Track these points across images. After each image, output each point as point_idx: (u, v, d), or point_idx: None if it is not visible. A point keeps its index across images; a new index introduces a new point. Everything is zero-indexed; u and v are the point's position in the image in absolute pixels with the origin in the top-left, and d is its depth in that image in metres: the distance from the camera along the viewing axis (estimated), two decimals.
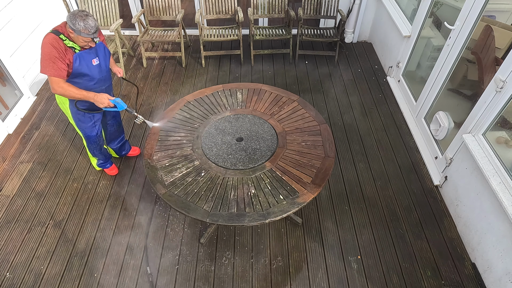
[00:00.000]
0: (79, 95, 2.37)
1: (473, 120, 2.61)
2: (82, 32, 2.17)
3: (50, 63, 2.21)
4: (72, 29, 2.16)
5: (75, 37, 2.22)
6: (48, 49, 2.19)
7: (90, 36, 2.21)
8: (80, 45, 2.28)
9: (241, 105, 2.89)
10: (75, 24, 2.14)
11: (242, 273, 2.52)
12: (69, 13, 2.17)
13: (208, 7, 4.47)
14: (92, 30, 2.19)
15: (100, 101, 2.41)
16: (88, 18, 2.16)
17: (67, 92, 2.34)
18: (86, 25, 2.16)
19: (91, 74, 2.42)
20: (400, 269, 2.54)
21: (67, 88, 2.32)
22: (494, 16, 3.08)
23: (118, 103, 2.45)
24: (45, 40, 2.21)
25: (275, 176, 2.33)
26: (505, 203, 2.18)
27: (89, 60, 2.38)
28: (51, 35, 2.22)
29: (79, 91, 2.36)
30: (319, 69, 4.56)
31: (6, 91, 3.95)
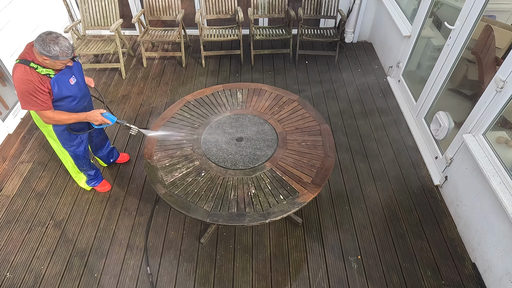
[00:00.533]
0: (72, 119, 2.27)
1: (473, 120, 2.61)
2: (60, 56, 2.03)
3: (32, 98, 2.06)
4: (47, 56, 2.01)
5: (50, 63, 2.06)
6: (24, 85, 2.04)
7: (69, 57, 2.08)
8: (57, 69, 2.14)
9: (241, 105, 2.89)
10: (50, 50, 1.98)
11: (242, 273, 2.52)
12: (35, 40, 2.00)
13: (208, 7, 4.47)
14: (69, 51, 2.06)
15: (93, 118, 2.32)
16: (59, 39, 2.01)
17: (59, 121, 2.25)
18: (62, 48, 2.01)
19: (72, 95, 2.29)
20: (400, 269, 2.54)
21: (58, 117, 2.22)
22: (494, 16, 3.08)
23: (107, 116, 2.36)
24: (18, 76, 2.04)
25: (275, 176, 2.33)
26: (505, 203, 2.18)
27: (67, 81, 2.24)
28: (21, 67, 2.04)
29: (70, 116, 2.26)
30: (319, 69, 4.56)
31: (6, 91, 3.95)
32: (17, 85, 2.06)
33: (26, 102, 2.08)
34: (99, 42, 4.30)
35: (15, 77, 2.05)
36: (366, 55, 4.82)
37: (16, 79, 2.05)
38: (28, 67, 2.04)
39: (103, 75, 4.43)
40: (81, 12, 4.23)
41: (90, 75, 4.44)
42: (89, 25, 4.32)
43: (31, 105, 2.09)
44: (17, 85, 2.07)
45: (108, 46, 4.21)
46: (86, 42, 4.27)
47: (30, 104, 2.09)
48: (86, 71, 4.47)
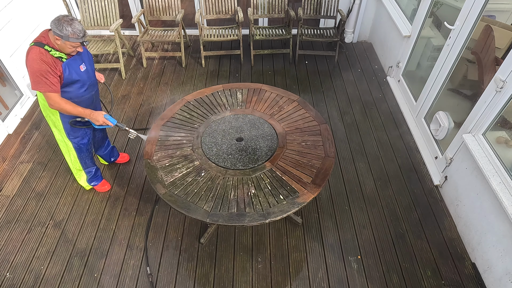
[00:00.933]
0: (75, 111, 2.29)
1: (473, 120, 2.61)
2: (71, 37, 2.07)
3: (43, 79, 2.11)
4: (59, 35, 2.06)
5: (61, 45, 2.12)
6: (37, 65, 2.08)
7: (79, 41, 2.11)
8: (67, 52, 2.18)
9: (241, 105, 2.89)
10: (62, 29, 2.04)
11: (242, 273, 2.52)
12: (52, 20, 2.07)
13: (208, 7, 4.47)
14: (81, 34, 2.10)
15: (96, 118, 2.33)
16: (74, 22, 2.07)
17: (64, 108, 2.25)
18: (74, 29, 2.06)
19: (82, 80, 2.34)
20: (400, 269, 2.54)
21: (63, 105, 2.24)
22: (494, 16, 3.08)
23: (109, 118, 2.38)
24: (32, 56, 2.09)
25: (275, 176, 2.33)
26: (505, 203, 2.18)
27: (77, 67, 2.29)
28: (35, 48, 2.10)
29: (75, 108, 2.28)
30: (319, 69, 4.56)
31: (6, 91, 3.95)
32: (30, 65, 2.10)
33: (37, 83, 2.12)
34: (99, 42, 4.30)
35: (30, 57, 2.09)
36: (366, 55, 4.82)
37: (30, 59, 2.09)
38: (42, 49, 2.10)
39: (103, 75, 4.43)
40: (81, 12, 4.23)
41: None
42: (89, 25, 4.32)
43: (41, 85, 2.12)
44: (30, 65, 2.10)
45: (108, 46, 4.21)
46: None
47: (40, 84, 2.12)
48: None
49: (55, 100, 2.20)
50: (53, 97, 2.19)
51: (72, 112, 2.28)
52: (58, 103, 2.22)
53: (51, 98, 2.19)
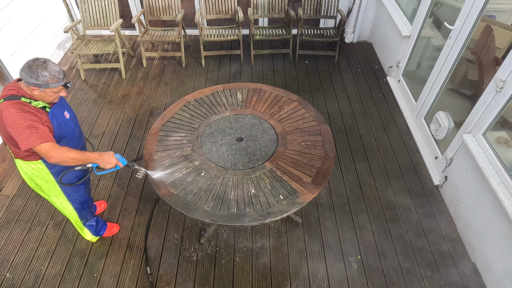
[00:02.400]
0: (84, 157, 1.90)
1: (473, 120, 2.61)
2: (51, 82, 1.73)
3: (32, 130, 1.71)
4: (35, 84, 1.71)
5: (41, 94, 1.77)
6: (20, 118, 1.70)
7: (60, 84, 1.78)
8: (48, 101, 1.83)
9: (241, 105, 2.89)
10: (38, 77, 1.69)
11: (242, 273, 2.52)
12: (21, 69, 1.71)
13: (208, 7, 4.47)
14: (61, 75, 1.77)
15: (107, 161, 1.99)
16: (48, 63, 1.74)
17: (69, 157, 1.83)
18: (52, 73, 1.73)
19: (71, 132, 2.00)
20: (400, 269, 2.54)
21: (67, 153, 1.82)
22: (494, 16, 3.08)
23: (120, 158, 2.06)
24: (10, 111, 1.70)
25: (275, 176, 2.33)
26: (505, 203, 2.18)
27: (62, 115, 1.94)
28: (11, 103, 1.71)
29: (83, 154, 1.90)
30: (319, 69, 4.56)
31: None
32: (11, 121, 1.69)
33: (26, 138, 1.71)
34: (99, 42, 4.30)
35: (7, 114, 1.69)
36: (366, 55, 4.82)
37: (9, 115, 1.69)
38: (20, 101, 1.73)
39: (103, 75, 4.43)
40: (81, 12, 4.23)
41: (90, 75, 4.44)
42: (89, 25, 4.32)
43: (33, 138, 1.71)
44: (10, 122, 1.69)
45: (108, 46, 4.21)
46: (86, 42, 4.27)
47: (31, 138, 1.71)
48: (86, 71, 4.47)
49: (54, 151, 1.78)
50: (52, 147, 1.77)
51: (81, 159, 1.89)
52: (60, 152, 1.80)
53: (50, 150, 1.77)
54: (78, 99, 4.05)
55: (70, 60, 4.70)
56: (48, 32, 4.43)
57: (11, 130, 1.72)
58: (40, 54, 4.26)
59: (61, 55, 4.77)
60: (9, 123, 1.71)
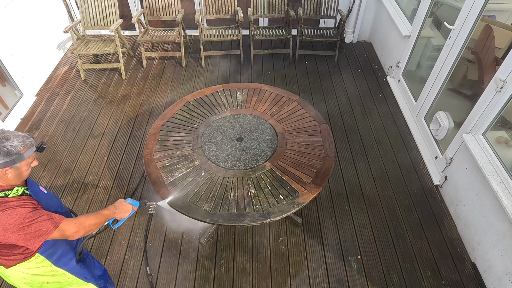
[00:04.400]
0: (102, 218, 1.69)
1: (473, 120, 2.61)
2: (25, 152, 1.44)
3: (38, 222, 1.41)
4: (7, 163, 1.39)
5: (15, 173, 1.45)
6: (12, 218, 1.36)
7: (34, 149, 1.52)
8: (24, 178, 1.53)
9: (241, 105, 2.89)
10: (9, 151, 1.38)
11: (242, 273, 2.52)
12: None
13: (208, 7, 4.47)
14: (30, 139, 1.49)
15: (123, 210, 1.82)
16: (7, 132, 1.43)
17: (91, 225, 1.61)
18: (21, 139, 1.44)
19: (56, 203, 1.70)
20: (400, 269, 2.54)
21: (86, 222, 1.59)
22: (494, 16, 3.09)
23: (133, 202, 1.92)
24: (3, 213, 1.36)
25: (275, 176, 2.33)
26: (505, 203, 2.18)
27: (40, 190, 1.63)
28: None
29: (99, 215, 1.68)
30: (319, 69, 4.56)
31: (6, 91, 3.95)
32: (7, 227, 1.36)
33: (37, 233, 1.40)
34: (99, 42, 4.30)
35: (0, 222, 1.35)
36: (366, 55, 4.82)
37: (3, 221, 1.35)
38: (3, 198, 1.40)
39: (103, 75, 4.43)
40: (81, 12, 4.23)
41: (90, 75, 4.44)
42: (89, 25, 4.32)
43: (46, 227, 1.42)
44: (6, 228, 1.36)
45: (108, 46, 4.21)
46: (86, 42, 4.27)
47: (43, 228, 1.41)
48: (86, 71, 4.47)
49: (74, 224, 1.53)
50: (69, 224, 1.52)
51: (101, 221, 1.67)
52: (79, 224, 1.56)
53: (69, 227, 1.51)
54: (78, 99, 4.05)
55: (70, 60, 4.70)
56: (48, 32, 4.43)
57: (10, 236, 1.37)
58: (40, 54, 4.26)
59: (61, 55, 4.77)
60: (2, 231, 1.36)
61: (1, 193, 1.41)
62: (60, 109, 3.92)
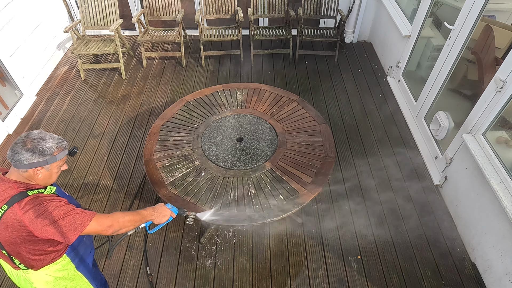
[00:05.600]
0: (139, 216, 1.66)
1: (473, 120, 2.61)
2: (57, 153, 1.45)
3: (72, 214, 1.41)
4: (41, 163, 1.40)
5: (46, 174, 1.46)
6: (48, 211, 1.38)
7: (66, 152, 1.51)
8: (54, 180, 1.54)
9: (241, 105, 2.89)
10: (44, 151, 1.40)
11: (242, 273, 2.52)
12: (15, 153, 1.38)
13: (208, 7, 4.47)
14: (64, 141, 1.50)
15: (162, 214, 1.78)
16: (44, 133, 1.45)
17: (126, 221, 1.58)
18: (55, 141, 1.45)
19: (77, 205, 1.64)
20: (400, 269, 2.54)
21: (122, 217, 1.57)
22: (494, 16, 3.09)
23: (172, 208, 1.87)
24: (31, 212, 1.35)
25: (275, 176, 2.33)
26: (505, 203, 2.18)
27: (63, 192, 1.69)
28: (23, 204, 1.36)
29: (137, 213, 1.66)
30: (319, 69, 4.56)
31: (6, 91, 3.95)
32: (44, 221, 1.36)
33: (72, 225, 1.40)
34: (99, 42, 4.30)
35: (30, 218, 1.35)
36: (366, 55, 4.82)
37: (35, 217, 1.35)
38: (34, 196, 1.40)
39: (103, 75, 4.43)
40: (81, 12, 4.23)
41: (90, 75, 4.44)
42: (89, 25, 4.32)
43: (80, 220, 1.42)
44: (43, 223, 1.36)
45: (108, 46, 4.21)
46: (86, 42, 4.27)
47: (77, 221, 1.41)
48: (86, 71, 4.47)
49: (108, 219, 1.51)
50: (103, 218, 1.50)
51: (137, 219, 1.65)
52: (115, 219, 1.53)
53: (103, 221, 1.49)
54: (78, 99, 4.05)
55: (70, 60, 4.70)
56: (48, 32, 4.43)
57: (46, 230, 1.37)
58: (40, 54, 4.26)
59: (61, 55, 4.77)
60: (40, 225, 1.36)
61: (35, 190, 1.44)
62: (60, 109, 3.93)
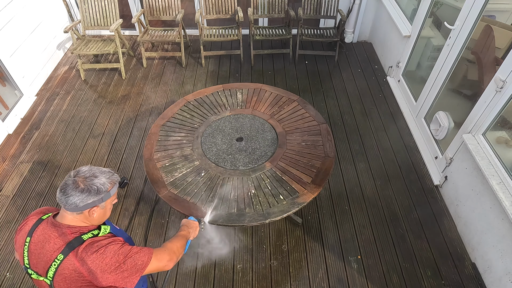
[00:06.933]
0: (182, 239, 1.64)
1: (473, 120, 2.61)
2: (111, 189, 1.37)
3: (132, 256, 1.33)
4: (96, 202, 1.32)
5: (99, 214, 1.37)
6: (108, 257, 1.28)
7: (117, 185, 1.43)
8: (107, 217, 1.46)
9: (241, 105, 2.89)
10: (99, 189, 1.32)
11: (242, 273, 2.52)
12: (69, 196, 1.27)
13: (208, 7, 4.47)
14: (115, 176, 1.42)
15: (194, 227, 1.78)
16: (93, 169, 1.36)
17: (178, 250, 1.55)
18: (106, 175, 1.37)
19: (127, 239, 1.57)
20: (400, 269, 2.54)
21: (174, 247, 1.53)
22: (494, 16, 3.08)
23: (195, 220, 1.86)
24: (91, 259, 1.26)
25: (275, 176, 2.33)
26: (505, 203, 2.18)
27: (114, 226, 1.59)
28: (80, 251, 1.26)
29: (179, 237, 1.64)
30: (319, 69, 4.56)
31: (6, 91, 3.95)
32: (105, 267, 1.27)
33: (133, 268, 1.32)
34: (99, 42, 4.30)
35: (91, 266, 1.26)
36: (366, 55, 4.82)
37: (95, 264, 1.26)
38: (90, 241, 1.30)
39: (103, 75, 4.43)
40: (81, 12, 4.23)
41: (90, 75, 4.44)
42: (89, 25, 4.32)
43: (141, 260, 1.35)
44: (104, 269, 1.27)
45: (108, 46, 4.21)
46: (86, 42, 4.27)
47: (138, 262, 1.34)
48: (86, 71, 4.47)
49: (165, 253, 1.46)
50: (160, 253, 1.44)
51: (183, 243, 1.62)
52: (170, 252, 1.48)
53: (161, 257, 1.43)
54: (78, 99, 4.05)
55: (70, 60, 4.70)
56: (48, 32, 4.43)
57: (107, 278, 1.28)
58: (40, 54, 4.26)
59: (61, 55, 4.77)
60: (100, 274, 1.27)
61: (89, 233, 1.33)
62: (60, 109, 3.93)
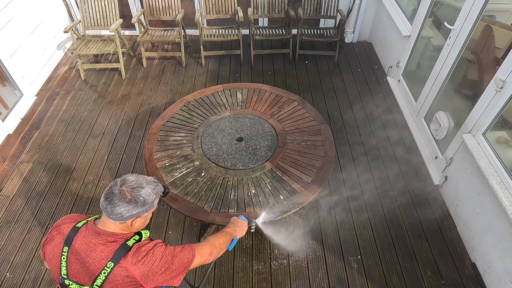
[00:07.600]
0: (228, 235, 1.64)
1: (473, 120, 2.61)
2: (156, 198, 1.39)
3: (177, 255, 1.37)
4: (139, 213, 1.32)
5: (140, 222, 1.37)
6: (157, 260, 1.31)
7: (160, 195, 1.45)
8: (145, 225, 1.45)
9: (241, 105, 2.89)
10: (145, 201, 1.32)
11: (242, 273, 2.52)
12: (115, 206, 1.27)
13: (208, 7, 4.47)
14: (159, 186, 1.43)
15: (242, 226, 1.76)
16: (139, 178, 1.36)
17: (221, 245, 1.57)
18: (152, 186, 1.37)
19: None
20: (400, 269, 2.54)
21: (216, 242, 1.55)
22: (494, 16, 3.08)
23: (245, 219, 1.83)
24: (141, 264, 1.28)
25: (275, 176, 2.33)
26: (505, 203, 2.18)
27: None
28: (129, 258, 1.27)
29: (224, 233, 1.64)
30: (319, 69, 4.56)
31: (6, 91, 3.95)
32: (156, 270, 1.30)
33: (180, 267, 1.36)
34: (99, 42, 4.30)
35: (142, 271, 1.28)
36: (366, 55, 4.82)
37: (146, 269, 1.29)
38: (136, 247, 1.31)
39: (103, 75, 4.43)
40: (81, 12, 4.23)
41: (90, 75, 4.44)
42: (89, 25, 4.32)
43: (186, 258, 1.39)
44: (155, 272, 1.30)
45: (108, 46, 4.21)
46: (86, 42, 4.27)
47: (184, 259, 1.38)
48: (86, 71, 4.47)
49: (206, 247, 1.49)
50: (201, 247, 1.47)
51: (227, 239, 1.64)
52: (211, 245, 1.52)
53: (202, 251, 1.46)
54: (78, 99, 4.05)
55: (70, 60, 4.70)
56: (48, 32, 4.43)
57: (158, 279, 1.31)
58: (40, 54, 4.26)
59: (61, 55, 4.77)
60: (152, 276, 1.30)
61: (131, 239, 1.34)
62: (60, 109, 3.93)
